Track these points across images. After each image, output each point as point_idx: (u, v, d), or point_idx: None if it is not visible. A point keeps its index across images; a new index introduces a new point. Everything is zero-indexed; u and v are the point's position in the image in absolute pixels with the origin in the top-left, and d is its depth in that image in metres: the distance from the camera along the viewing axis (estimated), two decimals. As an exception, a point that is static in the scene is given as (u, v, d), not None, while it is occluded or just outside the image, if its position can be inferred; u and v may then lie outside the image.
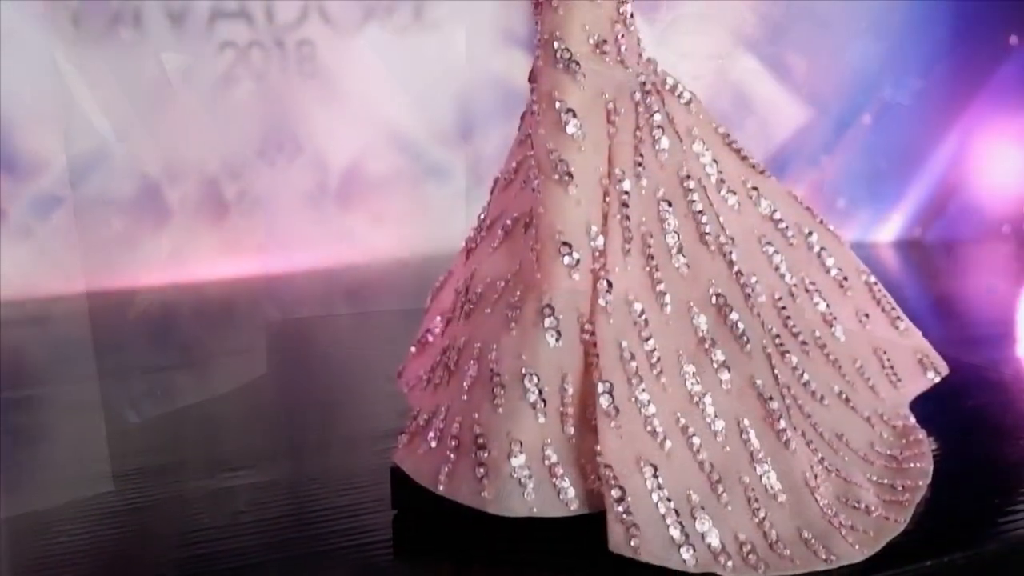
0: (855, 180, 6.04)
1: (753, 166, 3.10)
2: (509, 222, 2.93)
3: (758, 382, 2.79)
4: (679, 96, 3.00)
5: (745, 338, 2.80)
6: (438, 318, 3.26)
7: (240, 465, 3.29)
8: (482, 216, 3.12)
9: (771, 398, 2.78)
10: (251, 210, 5.87)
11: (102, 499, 3.14)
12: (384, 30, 5.99)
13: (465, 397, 2.78)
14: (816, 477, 2.78)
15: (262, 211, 5.88)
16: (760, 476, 2.72)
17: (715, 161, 3.01)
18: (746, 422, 2.76)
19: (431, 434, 2.85)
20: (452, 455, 2.75)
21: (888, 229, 6.03)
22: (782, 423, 2.76)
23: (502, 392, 2.70)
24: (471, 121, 6.18)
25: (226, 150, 5.81)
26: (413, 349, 3.34)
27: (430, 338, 3.28)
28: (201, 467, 3.32)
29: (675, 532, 2.60)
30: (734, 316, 2.81)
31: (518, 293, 2.78)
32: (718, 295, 2.83)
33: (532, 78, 2.83)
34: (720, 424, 2.75)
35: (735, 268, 2.87)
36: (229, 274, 5.66)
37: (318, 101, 5.90)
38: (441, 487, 2.73)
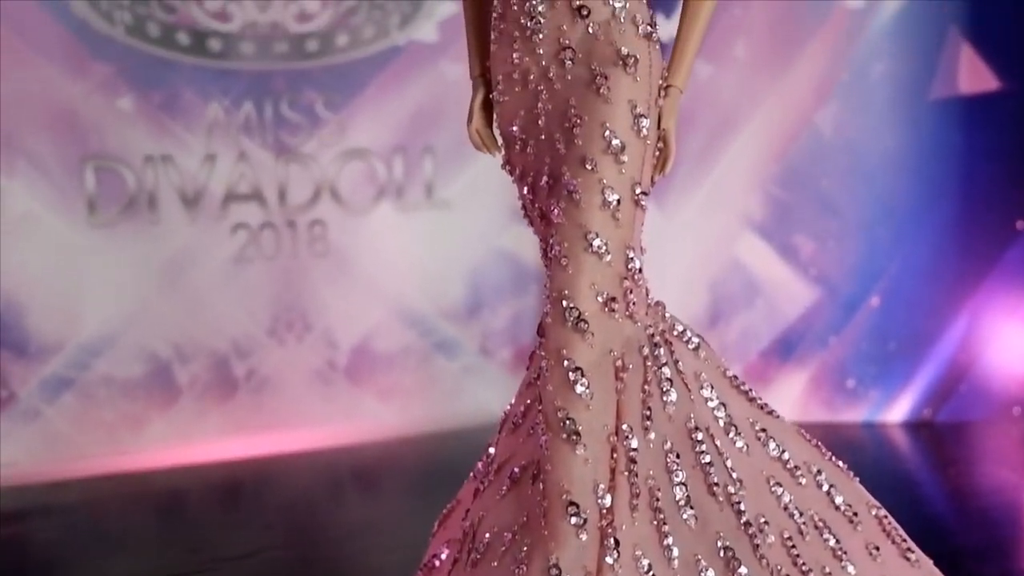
0: (864, 361, 6.05)
1: (761, 407, 3.11)
2: (517, 470, 2.94)
3: (768, 638, 2.77)
4: (687, 342, 3.01)
5: (754, 593, 2.79)
6: (444, 545, 3.26)
7: None
8: (491, 452, 3.12)
9: (781, 654, 2.76)
10: (259, 389, 5.88)
11: None
12: (395, 209, 6.05)
13: (473, 653, 2.77)
14: None
15: (271, 390, 5.89)
16: None
17: (723, 405, 3.01)
18: None
19: None
20: None
21: (898, 410, 6.03)
22: None
23: (509, 651, 2.69)
24: (480, 297, 6.22)
25: (236, 329, 5.84)
26: (420, 573, 3.34)
27: (436, 563, 3.28)
28: None
29: None
30: (743, 570, 2.80)
31: (524, 548, 2.78)
32: (726, 548, 2.82)
33: (541, 332, 2.85)
34: None
35: (743, 518, 2.86)
36: (236, 454, 5.65)
37: (328, 279, 5.95)
38: None
